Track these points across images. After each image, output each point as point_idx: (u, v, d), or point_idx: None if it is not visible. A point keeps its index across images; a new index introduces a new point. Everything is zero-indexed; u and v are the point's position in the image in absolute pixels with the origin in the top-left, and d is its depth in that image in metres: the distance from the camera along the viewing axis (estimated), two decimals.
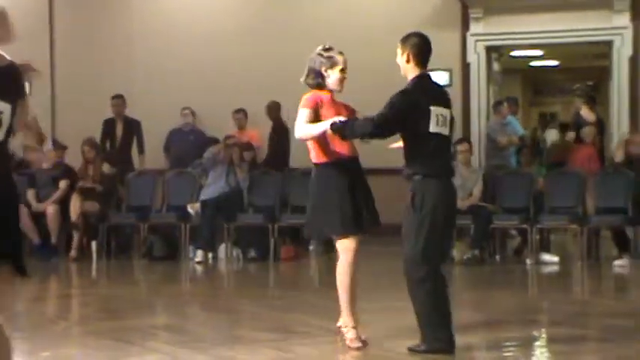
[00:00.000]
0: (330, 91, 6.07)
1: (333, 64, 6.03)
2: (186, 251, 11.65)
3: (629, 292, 9.55)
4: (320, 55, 6.10)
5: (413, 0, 13.55)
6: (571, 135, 12.48)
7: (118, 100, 13.48)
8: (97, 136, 13.13)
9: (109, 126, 13.46)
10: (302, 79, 6.14)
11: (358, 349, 5.95)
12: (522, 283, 10.15)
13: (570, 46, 15.15)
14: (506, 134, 12.78)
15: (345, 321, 6.04)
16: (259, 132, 13.55)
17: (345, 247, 5.98)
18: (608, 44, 13.39)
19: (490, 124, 13.18)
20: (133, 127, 13.43)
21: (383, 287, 8.55)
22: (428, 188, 5.74)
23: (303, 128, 5.93)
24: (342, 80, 6.03)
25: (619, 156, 11.24)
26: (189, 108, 13.79)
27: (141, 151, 13.49)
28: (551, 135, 17.95)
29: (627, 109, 13.10)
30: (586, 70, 19.59)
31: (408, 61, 5.83)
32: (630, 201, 10.81)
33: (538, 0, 13.21)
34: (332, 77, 6.03)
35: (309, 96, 6.03)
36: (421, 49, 5.83)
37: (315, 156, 6.06)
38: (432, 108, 5.75)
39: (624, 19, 13.02)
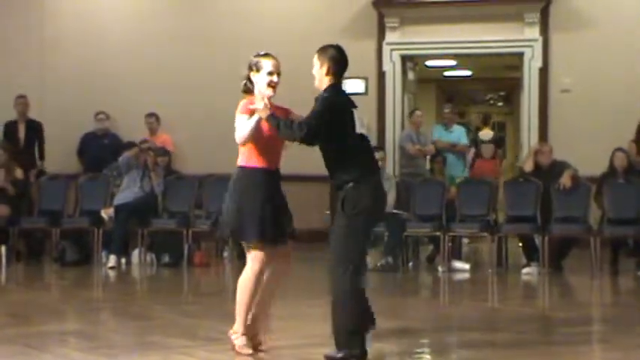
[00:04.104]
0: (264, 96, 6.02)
1: (258, 69, 6.05)
2: (98, 256, 11.53)
3: (536, 299, 9.77)
4: (250, 61, 6.11)
5: (330, 8, 13.66)
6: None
7: (22, 99, 13.23)
8: None
9: (10, 129, 13.17)
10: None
11: (249, 355, 5.96)
12: (434, 290, 10.31)
13: (483, 57, 15.44)
14: (417, 143, 12.95)
15: (236, 327, 6.04)
16: (171, 136, 13.48)
17: (255, 256, 5.97)
18: (519, 56, 13.68)
19: (403, 132, 13.37)
20: (35, 129, 13.17)
21: (293, 293, 8.57)
22: (360, 194, 5.77)
23: (243, 129, 5.92)
24: (269, 83, 6.03)
25: (528, 166, 11.48)
26: (105, 113, 13.64)
27: (41, 156, 13.20)
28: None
29: (537, 119, 13.39)
30: (498, 80, 19.97)
31: (327, 73, 5.90)
32: (539, 210, 11.06)
33: (453, 11, 13.44)
34: (259, 82, 6.04)
35: (244, 102, 6.03)
36: (340, 61, 5.92)
37: (244, 159, 6.05)
38: (354, 110, 5.90)
39: (534, 32, 13.32)
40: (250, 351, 5.99)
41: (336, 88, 5.93)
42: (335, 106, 5.82)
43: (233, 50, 13.47)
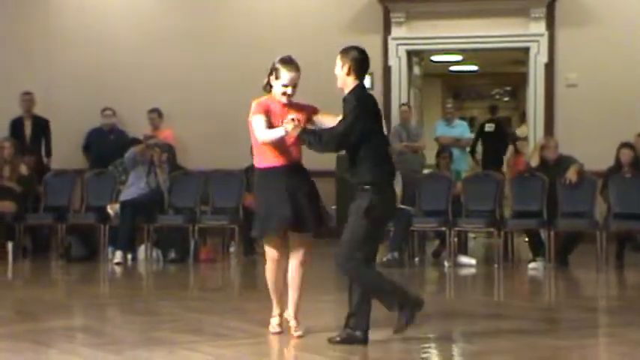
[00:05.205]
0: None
1: (277, 77, 6.24)
2: (104, 252, 11.54)
3: (542, 294, 9.76)
4: (273, 63, 6.29)
5: (335, 3, 13.66)
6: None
7: (28, 96, 13.27)
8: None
9: (16, 126, 13.19)
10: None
11: (276, 333, 6.39)
12: (440, 285, 10.31)
13: (489, 52, 15.42)
14: (402, 139, 12.89)
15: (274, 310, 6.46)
16: (177, 132, 13.47)
17: (266, 251, 6.33)
18: (525, 51, 13.67)
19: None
20: (41, 126, 13.20)
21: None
22: (384, 200, 6.01)
23: (266, 133, 6.10)
24: (283, 94, 6.21)
25: (534, 160, 11.47)
26: (111, 109, 13.64)
27: (48, 153, 13.24)
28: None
29: (542, 114, 13.39)
30: (504, 75, 19.95)
31: (348, 74, 6.05)
32: (545, 205, 11.05)
33: (459, 6, 13.43)
34: (275, 88, 6.24)
35: (260, 101, 6.23)
36: (362, 62, 6.09)
37: (257, 161, 6.27)
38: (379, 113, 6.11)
39: (540, 27, 13.31)
40: (277, 330, 6.38)
41: (360, 90, 6.08)
42: (365, 113, 5.97)
43: (238, 47, 13.54)
